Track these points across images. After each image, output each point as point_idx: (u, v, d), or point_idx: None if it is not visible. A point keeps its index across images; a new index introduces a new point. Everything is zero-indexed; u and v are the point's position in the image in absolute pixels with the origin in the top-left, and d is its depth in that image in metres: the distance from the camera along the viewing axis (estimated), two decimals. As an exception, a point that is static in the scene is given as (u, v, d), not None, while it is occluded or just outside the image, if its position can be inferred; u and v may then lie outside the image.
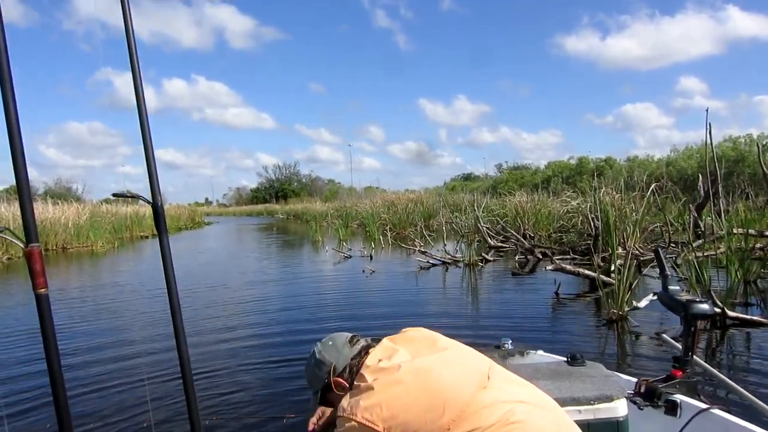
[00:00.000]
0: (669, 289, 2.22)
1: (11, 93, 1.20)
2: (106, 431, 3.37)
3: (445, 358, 1.50)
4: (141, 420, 3.41)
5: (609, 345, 5.24)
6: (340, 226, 18.69)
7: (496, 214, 16.11)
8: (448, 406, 1.34)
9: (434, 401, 1.36)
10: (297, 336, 5.67)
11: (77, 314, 7.06)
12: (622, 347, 5.10)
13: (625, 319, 5.64)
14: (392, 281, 9.79)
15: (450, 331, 5.90)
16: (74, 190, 44.66)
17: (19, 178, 1.23)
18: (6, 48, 1.21)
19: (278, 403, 3.75)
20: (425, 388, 1.38)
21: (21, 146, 1.22)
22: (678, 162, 21.95)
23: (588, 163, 29.53)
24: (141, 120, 1.64)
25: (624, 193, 10.89)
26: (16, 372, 4.62)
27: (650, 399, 2.12)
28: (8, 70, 1.20)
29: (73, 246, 19.78)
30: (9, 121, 1.20)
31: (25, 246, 1.23)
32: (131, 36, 1.60)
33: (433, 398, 1.36)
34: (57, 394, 1.26)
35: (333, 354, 1.57)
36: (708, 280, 5.49)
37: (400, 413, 1.34)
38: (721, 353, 4.78)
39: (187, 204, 53.96)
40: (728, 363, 4.50)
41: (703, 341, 5.06)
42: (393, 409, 1.35)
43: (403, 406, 1.35)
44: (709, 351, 4.81)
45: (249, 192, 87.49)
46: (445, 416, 1.33)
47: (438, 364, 1.46)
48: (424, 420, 1.33)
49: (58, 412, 1.26)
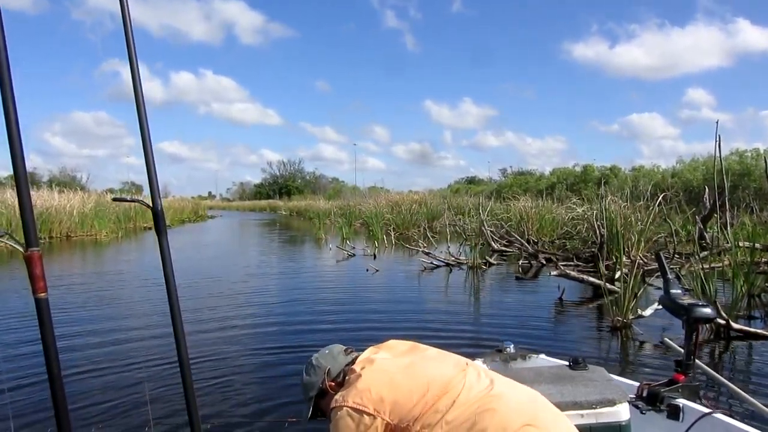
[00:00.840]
0: (671, 292, 2.23)
1: (11, 97, 1.16)
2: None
3: (425, 355, 1.66)
4: (141, 421, 3.37)
5: (612, 351, 5.27)
6: (344, 225, 18.70)
7: (500, 218, 16.13)
8: (432, 384, 1.48)
9: (418, 381, 1.50)
10: (302, 336, 5.66)
11: (77, 311, 6.99)
12: (625, 353, 5.13)
13: (629, 326, 5.67)
14: (396, 281, 9.83)
15: (454, 332, 5.92)
16: (78, 179, 44.84)
17: (18, 182, 1.20)
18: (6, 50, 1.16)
19: (280, 405, 3.71)
20: (409, 373, 1.53)
21: (21, 148, 1.19)
22: (683, 173, 21.91)
23: (593, 171, 29.48)
24: (141, 121, 1.61)
25: (629, 202, 10.91)
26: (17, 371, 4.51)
27: (652, 403, 2.12)
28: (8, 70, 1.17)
29: (77, 234, 19.86)
30: (9, 126, 1.17)
31: (25, 250, 1.21)
32: (129, 31, 1.55)
33: (418, 379, 1.50)
34: (56, 397, 1.26)
35: (329, 360, 1.71)
36: (713, 292, 5.51)
37: (388, 395, 1.47)
38: (725, 363, 4.80)
39: (190, 197, 54.13)
40: (730, 374, 4.52)
41: (707, 351, 5.09)
42: (381, 391, 1.48)
43: (390, 389, 1.49)
44: (713, 361, 4.83)
45: (252, 187, 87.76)
46: (429, 392, 1.47)
47: (419, 358, 1.62)
48: (411, 398, 1.46)
49: (57, 415, 1.26)
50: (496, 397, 1.47)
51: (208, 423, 3.33)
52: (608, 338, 5.58)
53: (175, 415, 3.45)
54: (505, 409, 1.43)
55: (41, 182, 36.10)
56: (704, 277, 5.65)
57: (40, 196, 20.14)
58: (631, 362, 4.84)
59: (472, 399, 1.47)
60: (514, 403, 1.47)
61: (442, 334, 5.55)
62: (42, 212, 18.62)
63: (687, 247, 10.18)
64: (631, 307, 5.76)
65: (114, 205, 24.35)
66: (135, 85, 1.57)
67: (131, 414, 3.56)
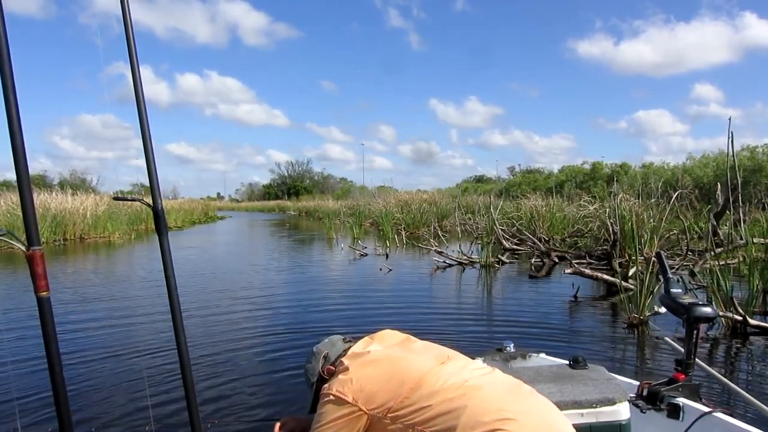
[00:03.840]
0: (671, 292, 2.25)
1: (14, 100, 1.18)
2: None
3: (411, 347, 1.74)
4: (142, 422, 3.39)
5: (628, 347, 5.32)
6: (355, 224, 18.77)
7: (511, 216, 16.15)
8: (407, 378, 1.56)
9: (396, 375, 1.58)
10: (317, 336, 5.66)
11: (84, 309, 7.12)
12: (642, 349, 5.18)
13: (646, 323, 5.72)
14: (410, 280, 9.89)
15: (471, 331, 5.97)
16: (89, 182, 45.23)
17: (21, 183, 1.21)
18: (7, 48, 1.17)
19: (283, 404, 3.73)
20: (389, 367, 1.62)
21: (23, 148, 1.20)
22: (694, 170, 21.78)
23: (602, 169, 29.38)
24: (141, 122, 1.63)
25: (640, 199, 10.92)
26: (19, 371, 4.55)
27: (653, 402, 2.14)
28: (10, 71, 1.17)
29: (91, 236, 20.06)
30: (11, 125, 1.18)
31: (27, 249, 1.22)
32: (131, 34, 1.56)
33: (395, 373, 1.59)
34: (58, 395, 1.26)
35: (327, 346, 1.84)
36: (729, 289, 5.54)
37: (366, 386, 1.58)
38: (741, 361, 4.84)
39: (199, 198, 54.40)
40: (748, 369, 4.56)
41: (722, 348, 5.13)
42: (361, 383, 1.59)
43: (368, 381, 1.59)
44: (729, 358, 4.87)
45: (261, 188, 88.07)
46: (403, 386, 1.55)
47: (404, 350, 1.71)
48: (386, 390, 1.56)
49: (59, 414, 1.27)
50: (471, 390, 1.49)
51: (207, 422, 3.29)
52: (625, 335, 5.63)
53: (176, 414, 3.47)
54: (478, 402, 1.45)
55: (52, 185, 36.45)
56: (720, 274, 5.68)
57: (54, 199, 20.39)
58: (648, 358, 4.89)
59: (447, 391, 1.49)
60: (491, 395, 1.48)
61: (459, 333, 5.63)
62: (56, 214, 18.86)
63: (699, 244, 10.18)
64: (647, 304, 5.81)
65: (125, 207, 24.53)
66: (135, 83, 1.59)
67: (132, 413, 3.57)
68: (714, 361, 4.77)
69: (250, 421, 3.43)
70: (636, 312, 5.79)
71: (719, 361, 4.79)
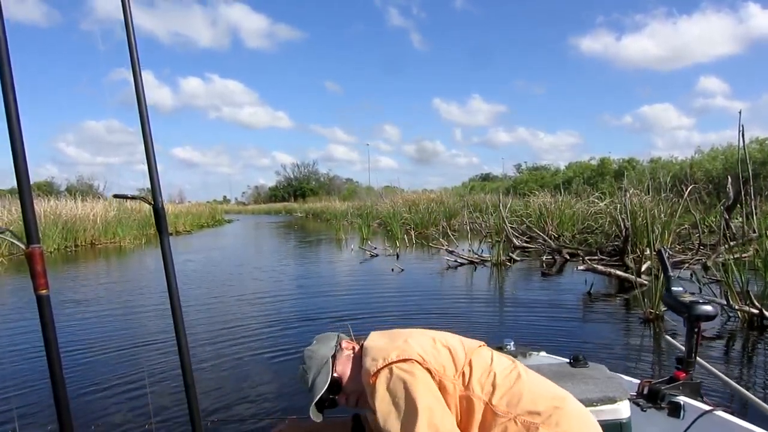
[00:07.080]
0: (672, 290, 2.27)
1: (12, 96, 1.17)
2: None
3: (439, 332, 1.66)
4: (143, 421, 3.41)
5: (645, 341, 5.34)
6: (363, 225, 18.81)
7: (520, 214, 16.14)
8: (458, 350, 1.52)
9: (442, 343, 1.52)
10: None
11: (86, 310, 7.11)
12: (657, 344, 5.19)
13: (661, 318, 5.73)
14: (422, 279, 9.91)
15: (486, 327, 5.96)
16: (96, 187, 45.50)
17: (20, 180, 1.21)
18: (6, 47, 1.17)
19: (284, 403, 3.72)
20: (434, 340, 1.54)
21: (22, 148, 1.19)
22: (702, 163, 21.69)
23: (610, 164, 29.32)
24: (142, 121, 1.63)
25: (650, 194, 10.89)
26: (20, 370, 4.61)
27: (653, 401, 2.13)
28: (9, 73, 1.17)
29: (101, 242, 20.22)
30: (10, 123, 1.18)
31: (26, 247, 1.21)
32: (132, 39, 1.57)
33: (444, 347, 1.52)
34: (58, 394, 1.26)
35: (331, 335, 1.73)
36: (745, 282, 5.55)
37: (424, 353, 1.46)
38: (758, 354, 4.85)
39: (206, 202, 54.64)
40: (765, 363, 4.56)
41: (739, 342, 5.13)
42: (417, 347, 1.47)
43: (424, 350, 1.48)
44: (746, 352, 4.88)
45: (267, 190, 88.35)
46: (460, 350, 1.52)
47: (434, 332, 1.62)
48: (446, 359, 1.47)
49: (59, 413, 1.26)
50: (523, 372, 1.53)
51: (207, 421, 3.27)
52: (641, 329, 5.65)
53: (177, 413, 3.48)
54: (532, 386, 1.48)
55: (60, 191, 36.67)
56: (735, 267, 5.68)
57: (65, 206, 20.56)
58: (664, 351, 4.90)
59: (504, 365, 1.53)
60: (541, 382, 1.54)
61: (476, 331, 5.65)
62: (67, 221, 19.03)
63: (710, 238, 10.15)
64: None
65: (135, 211, 24.70)
66: (135, 79, 1.59)
67: (133, 413, 3.59)
68: (730, 355, 4.78)
69: (251, 420, 3.43)
70: (651, 307, 5.80)
71: (735, 356, 4.80)
